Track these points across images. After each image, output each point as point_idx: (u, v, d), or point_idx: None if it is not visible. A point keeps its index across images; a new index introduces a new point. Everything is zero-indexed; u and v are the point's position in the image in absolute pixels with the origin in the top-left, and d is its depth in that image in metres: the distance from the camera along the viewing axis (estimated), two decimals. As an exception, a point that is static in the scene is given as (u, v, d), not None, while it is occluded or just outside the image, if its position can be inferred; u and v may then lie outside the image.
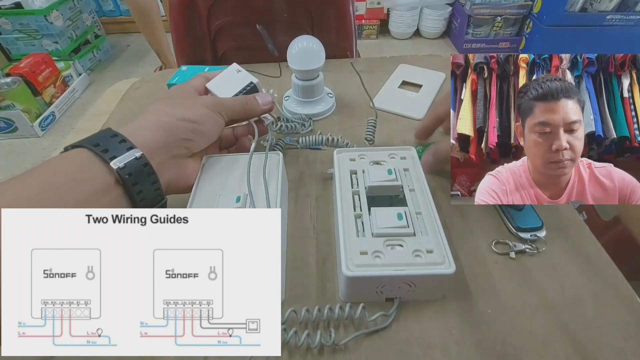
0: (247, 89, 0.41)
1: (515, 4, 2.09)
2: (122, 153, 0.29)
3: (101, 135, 0.30)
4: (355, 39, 0.80)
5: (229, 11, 0.70)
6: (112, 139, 0.29)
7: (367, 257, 0.29)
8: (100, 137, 0.29)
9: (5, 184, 0.25)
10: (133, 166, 0.29)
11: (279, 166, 0.36)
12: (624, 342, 0.29)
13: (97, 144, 0.29)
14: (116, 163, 0.28)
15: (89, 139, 0.30)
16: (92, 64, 2.24)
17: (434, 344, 0.29)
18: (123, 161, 0.28)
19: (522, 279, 0.33)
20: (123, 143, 0.29)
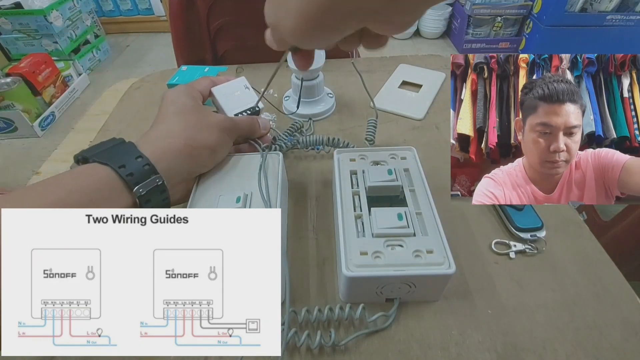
0: (250, 110, 0.42)
1: (515, 4, 2.09)
2: (145, 178, 0.29)
3: (125, 154, 0.29)
4: (355, 39, 0.79)
5: (228, 11, 0.70)
6: (137, 162, 0.29)
7: (367, 257, 0.29)
8: (125, 157, 0.29)
9: (22, 194, 0.25)
10: (152, 192, 0.29)
11: (279, 166, 0.36)
12: (624, 342, 0.29)
13: (123, 165, 0.28)
14: (139, 190, 0.28)
15: (112, 156, 0.29)
16: (91, 64, 2.24)
17: (434, 344, 0.29)
18: (146, 188, 0.29)
19: (522, 279, 0.33)
20: (147, 167, 0.29)
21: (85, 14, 2.21)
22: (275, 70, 0.32)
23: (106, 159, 0.29)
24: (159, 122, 0.34)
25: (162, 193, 0.30)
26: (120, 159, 0.29)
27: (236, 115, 0.41)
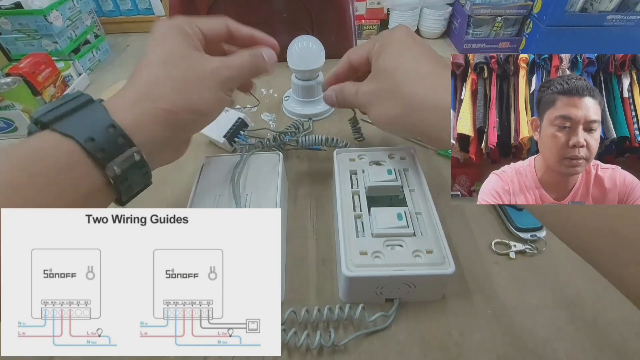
0: (236, 124, 0.46)
1: (515, 4, 2.09)
2: (119, 152, 0.24)
3: (92, 120, 0.24)
4: (355, 39, 0.80)
5: (228, 11, 0.69)
6: (108, 133, 0.24)
7: (367, 257, 0.29)
8: (93, 126, 0.23)
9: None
10: (129, 170, 0.25)
11: (279, 166, 0.36)
12: (624, 342, 0.29)
13: (91, 137, 0.23)
14: (112, 168, 0.24)
15: (75, 124, 0.24)
16: (91, 64, 2.24)
17: (434, 344, 0.29)
18: (121, 167, 0.24)
19: (522, 279, 0.33)
20: (121, 139, 0.24)
21: (85, 14, 2.21)
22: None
23: (70, 129, 0.23)
24: (137, 74, 0.28)
25: (140, 169, 0.26)
26: (86, 128, 0.23)
27: (225, 135, 0.44)
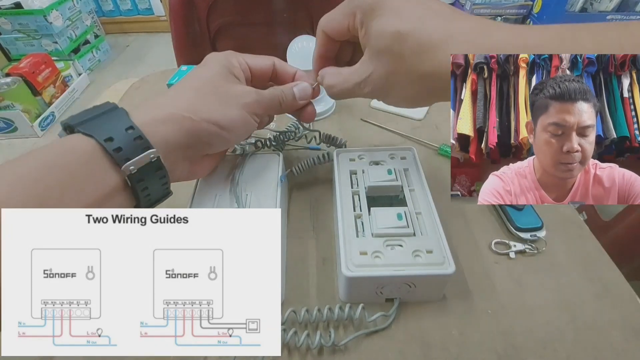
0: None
1: (515, 3, 2.09)
2: (136, 154, 0.25)
3: (113, 123, 0.25)
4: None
5: (229, 11, 0.70)
6: (127, 134, 0.25)
7: (367, 257, 0.29)
8: (113, 128, 0.25)
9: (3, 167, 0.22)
10: (145, 170, 0.25)
11: (278, 166, 0.36)
12: (624, 342, 0.29)
13: (110, 137, 0.24)
14: (129, 167, 0.24)
15: (98, 126, 0.25)
16: (91, 64, 2.24)
17: (434, 344, 0.29)
18: (137, 165, 0.25)
19: (522, 279, 0.33)
20: (139, 140, 0.25)
21: (85, 14, 2.21)
22: None
23: (91, 129, 0.24)
24: (170, 90, 0.30)
25: (158, 170, 0.26)
26: (107, 129, 0.24)
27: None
